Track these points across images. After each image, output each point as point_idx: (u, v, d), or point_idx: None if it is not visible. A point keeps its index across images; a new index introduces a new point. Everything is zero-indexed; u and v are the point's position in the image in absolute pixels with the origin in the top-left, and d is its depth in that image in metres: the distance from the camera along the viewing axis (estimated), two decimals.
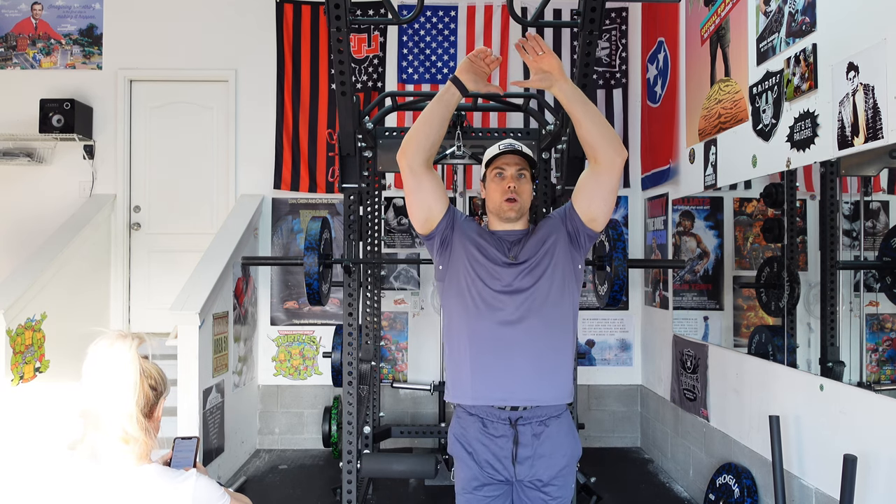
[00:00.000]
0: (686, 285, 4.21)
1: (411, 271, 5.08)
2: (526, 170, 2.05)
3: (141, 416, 1.39)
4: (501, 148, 2.05)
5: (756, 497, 3.11)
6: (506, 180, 2.02)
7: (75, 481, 1.39)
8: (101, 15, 5.13)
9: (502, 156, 2.04)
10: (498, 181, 2.03)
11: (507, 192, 2.01)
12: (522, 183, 2.04)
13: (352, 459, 3.32)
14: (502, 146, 2.05)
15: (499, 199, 2.02)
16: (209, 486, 1.44)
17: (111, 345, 1.40)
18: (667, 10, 4.38)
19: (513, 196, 2.00)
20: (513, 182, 2.01)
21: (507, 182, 2.01)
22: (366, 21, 2.70)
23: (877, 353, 2.63)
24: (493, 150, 2.08)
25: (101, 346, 1.40)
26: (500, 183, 2.03)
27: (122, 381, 1.38)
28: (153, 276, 5.08)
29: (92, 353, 1.39)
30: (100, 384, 1.38)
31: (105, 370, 1.38)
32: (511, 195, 2.00)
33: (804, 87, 2.74)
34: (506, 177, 2.02)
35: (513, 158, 2.03)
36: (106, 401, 1.37)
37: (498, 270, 1.96)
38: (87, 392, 1.38)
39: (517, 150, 2.03)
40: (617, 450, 4.94)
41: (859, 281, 2.71)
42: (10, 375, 3.71)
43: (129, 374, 1.38)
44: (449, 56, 5.05)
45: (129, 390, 1.38)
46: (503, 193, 2.01)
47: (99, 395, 1.37)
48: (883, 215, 2.67)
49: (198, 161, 5.16)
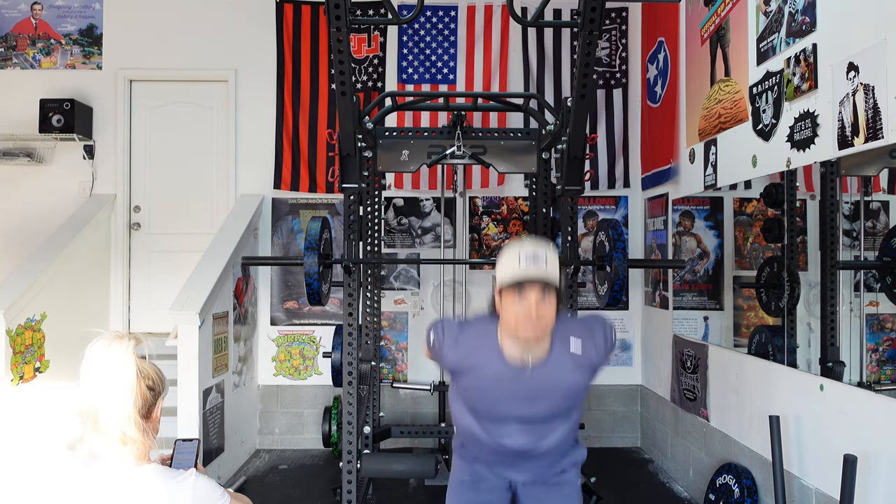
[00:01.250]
0: (686, 285, 4.21)
1: (411, 271, 5.08)
2: (552, 291, 1.68)
3: (139, 417, 1.39)
4: (522, 269, 1.66)
5: (756, 497, 3.11)
6: (526, 307, 1.67)
7: (74, 482, 1.39)
8: (100, 15, 5.13)
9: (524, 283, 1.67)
10: (516, 305, 1.68)
11: (529, 321, 1.67)
12: (546, 307, 1.68)
13: (352, 459, 3.32)
14: (524, 265, 1.66)
15: (516, 323, 1.70)
16: (209, 486, 1.43)
17: (108, 346, 1.39)
18: (667, 10, 4.38)
19: (535, 321, 1.68)
20: (535, 310, 1.67)
21: (527, 310, 1.67)
22: (366, 21, 2.70)
23: (877, 353, 2.63)
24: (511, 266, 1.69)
25: (98, 347, 1.39)
26: (519, 309, 1.67)
27: (118, 382, 1.37)
28: (153, 276, 5.08)
29: (89, 354, 1.39)
30: (97, 386, 1.37)
31: (102, 371, 1.38)
32: (533, 321, 1.67)
33: (804, 87, 2.74)
34: (527, 304, 1.67)
35: (537, 285, 1.67)
36: (103, 402, 1.37)
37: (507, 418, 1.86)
38: (85, 393, 1.38)
39: (542, 278, 1.66)
40: (617, 450, 4.94)
41: (859, 281, 2.71)
42: (9, 375, 3.71)
43: (126, 375, 1.38)
44: (449, 56, 5.05)
45: (126, 392, 1.37)
46: (523, 320, 1.68)
47: (96, 397, 1.37)
48: (883, 215, 2.67)
49: (198, 161, 5.16)
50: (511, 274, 1.68)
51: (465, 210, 5.05)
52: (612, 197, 5.10)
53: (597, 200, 5.10)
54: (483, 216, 5.08)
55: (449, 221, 5.04)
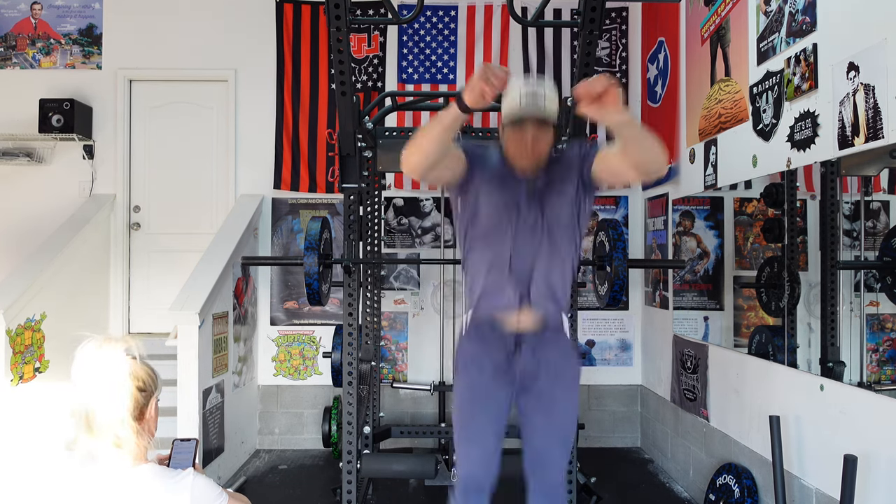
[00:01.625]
0: (686, 285, 4.21)
1: (411, 271, 5.08)
2: (548, 126, 1.94)
3: (130, 419, 1.38)
4: (522, 107, 1.89)
5: (756, 497, 3.11)
6: (524, 141, 1.94)
7: (71, 483, 1.38)
8: (100, 15, 5.13)
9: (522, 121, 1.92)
10: (515, 138, 1.96)
11: (525, 151, 1.95)
12: (542, 139, 1.95)
13: (352, 459, 3.32)
14: (523, 101, 1.88)
15: (513, 155, 1.99)
16: (207, 485, 1.43)
17: (98, 349, 1.39)
18: (667, 10, 4.38)
19: (529, 154, 1.96)
20: (531, 144, 1.94)
21: (524, 143, 1.94)
22: (366, 21, 2.70)
23: (877, 353, 2.63)
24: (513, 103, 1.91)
25: (88, 350, 1.39)
26: (518, 140, 1.95)
27: (108, 386, 1.37)
28: (153, 276, 5.07)
29: (79, 357, 1.39)
30: (87, 389, 1.37)
31: (91, 375, 1.37)
32: (528, 154, 1.95)
33: (804, 86, 2.74)
34: (524, 138, 1.93)
35: (534, 122, 1.91)
36: (93, 405, 1.37)
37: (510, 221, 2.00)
38: (76, 397, 1.38)
39: (540, 116, 1.90)
40: (617, 450, 4.94)
41: (860, 281, 2.71)
42: (9, 375, 3.71)
43: (116, 378, 1.38)
44: (449, 56, 5.05)
45: (115, 395, 1.37)
46: (521, 150, 1.96)
47: (86, 400, 1.37)
48: (883, 215, 2.67)
49: (198, 161, 5.16)
50: (511, 112, 1.92)
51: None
52: (612, 197, 5.10)
53: (597, 200, 5.06)
54: None
55: (449, 221, 5.04)
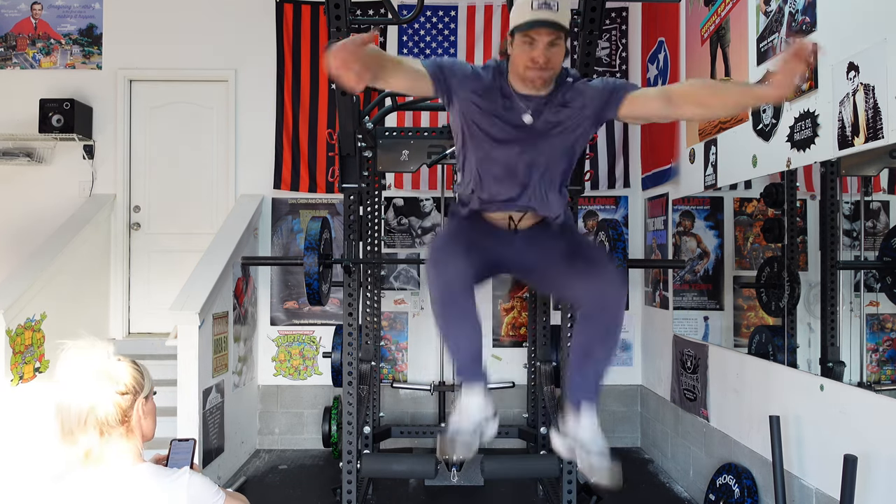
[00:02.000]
0: (686, 285, 4.21)
1: (411, 271, 5.08)
2: (561, 36, 1.77)
3: (112, 425, 1.37)
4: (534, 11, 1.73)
5: (756, 497, 3.11)
6: (536, 50, 1.75)
7: (68, 484, 1.38)
8: (100, 15, 5.13)
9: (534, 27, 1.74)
10: (526, 49, 1.77)
11: (537, 63, 1.76)
12: (555, 52, 1.77)
13: (352, 459, 3.32)
14: (536, 7, 1.73)
15: (524, 67, 1.79)
16: (203, 484, 1.43)
17: (74, 357, 1.38)
18: (667, 10, 4.38)
19: (542, 67, 1.77)
20: (544, 54, 1.75)
21: (537, 52, 1.75)
22: (366, 21, 2.70)
23: (877, 353, 2.63)
24: (523, 10, 1.76)
25: (66, 359, 1.38)
26: (529, 52, 1.76)
27: (83, 395, 1.36)
28: (153, 276, 5.07)
29: (58, 366, 1.38)
30: (65, 399, 1.37)
31: (68, 385, 1.37)
32: (541, 67, 1.76)
33: (804, 86, 2.74)
34: (537, 47, 1.75)
35: (546, 29, 1.74)
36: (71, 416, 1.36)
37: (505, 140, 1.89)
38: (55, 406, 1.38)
39: (552, 21, 1.73)
40: (617, 450, 4.88)
41: (859, 281, 2.71)
42: (9, 375, 3.71)
43: (93, 387, 1.37)
44: (449, 56, 5.05)
45: (92, 404, 1.36)
46: (532, 62, 1.77)
47: (64, 410, 1.36)
48: (883, 215, 2.67)
49: (198, 161, 5.16)
50: (522, 16, 1.74)
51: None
52: (612, 197, 5.10)
53: (597, 200, 5.10)
54: None
55: None
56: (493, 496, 3.96)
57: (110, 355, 1.42)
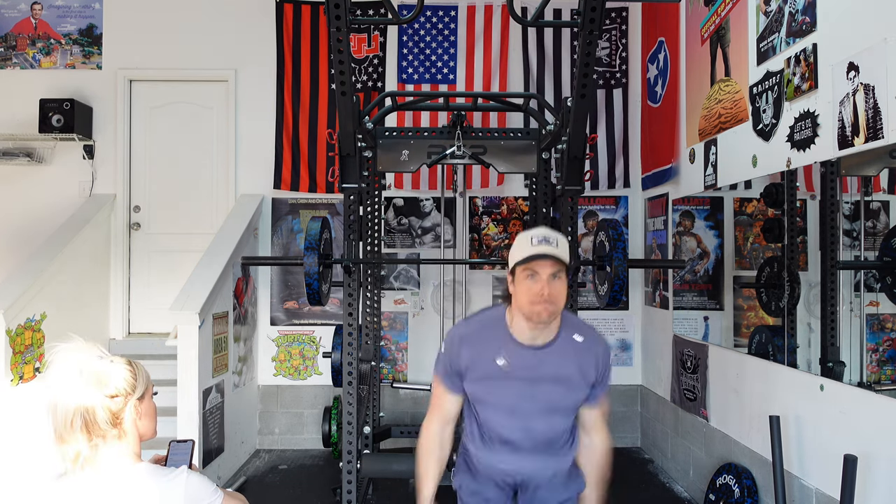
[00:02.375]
0: (686, 285, 4.21)
1: (411, 271, 5.08)
2: (563, 271, 1.78)
3: (101, 427, 1.37)
4: (534, 247, 1.77)
5: (756, 497, 3.11)
6: (539, 284, 1.76)
7: (68, 484, 1.38)
8: (100, 15, 5.13)
9: (536, 259, 1.76)
10: (529, 283, 1.77)
11: (541, 297, 1.76)
12: (558, 285, 1.77)
13: (352, 459, 3.32)
14: (535, 243, 1.77)
15: (529, 301, 1.78)
16: (201, 483, 1.43)
17: (64, 360, 1.37)
18: (667, 10, 4.38)
19: (546, 301, 1.76)
20: (547, 287, 1.75)
21: (540, 285, 1.76)
22: (366, 21, 2.70)
23: (877, 353, 2.63)
24: (524, 245, 1.80)
25: (55, 362, 1.37)
26: (532, 286, 1.77)
27: (71, 399, 1.36)
28: (153, 276, 5.08)
29: (47, 369, 1.38)
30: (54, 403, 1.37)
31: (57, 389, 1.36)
32: (545, 299, 1.76)
33: (804, 86, 2.74)
34: (539, 281, 1.76)
35: (548, 261, 1.75)
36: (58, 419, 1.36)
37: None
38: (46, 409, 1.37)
39: (553, 255, 1.75)
40: (617, 450, 4.87)
41: (859, 281, 2.71)
42: (9, 375, 3.71)
43: (79, 390, 1.36)
44: (449, 56, 5.05)
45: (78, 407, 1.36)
46: (536, 297, 1.76)
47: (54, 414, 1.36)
48: (883, 215, 2.67)
49: (198, 161, 5.16)
50: (523, 252, 1.79)
51: (465, 210, 5.05)
52: (612, 197, 5.10)
53: (597, 200, 5.10)
54: (483, 216, 5.08)
55: (449, 221, 5.04)
56: None
57: (102, 357, 1.42)
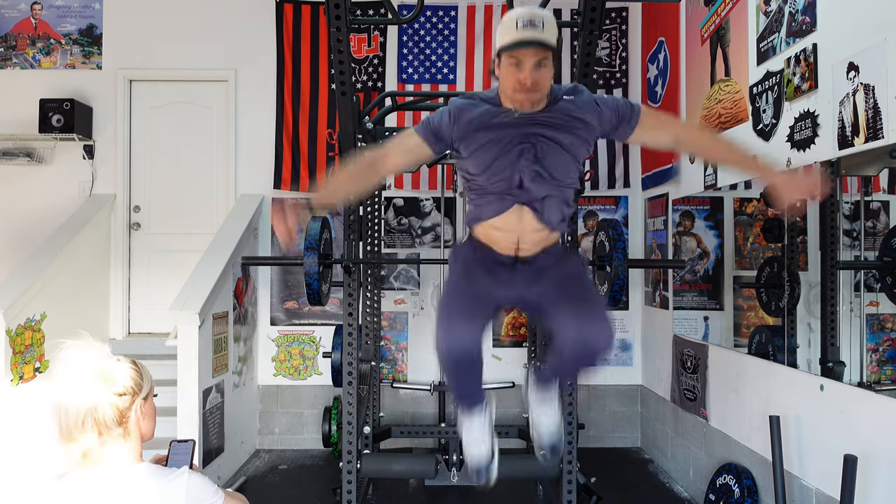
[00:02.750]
0: (686, 285, 4.21)
1: (411, 271, 5.08)
2: (548, 56, 1.72)
3: (109, 426, 1.37)
4: (519, 31, 1.70)
5: (756, 497, 3.11)
6: (523, 72, 1.72)
7: (68, 484, 1.38)
8: (100, 15, 5.13)
9: (519, 47, 1.71)
10: (513, 71, 1.73)
11: (524, 85, 1.73)
12: (542, 72, 1.73)
13: (352, 459, 3.32)
14: (520, 26, 1.70)
15: (512, 88, 1.76)
16: (202, 484, 1.43)
17: (72, 358, 1.38)
18: (667, 10, 4.38)
19: (531, 88, 1.73)
20: (531, 75, 1.71)
21: (524, 74, 1.72)
22: (366, 21, 2.70)
23: (877, 353, 2.63)
24: (509, 29, 1.72)
25: (63, 359, 1.38)
26: (517, 73, 1.73)
27: (80, 396, 1.36)
28: (153, 276, 5.07)
29: (54, 366, 1.38)
30: (62, 400, 1.37)
31: (65, 386, 1.37)
32: (528, 88, 1.73)
33: (804, 86, 2.74)
34: (523, 68, 1.72)
35: (532, 49, 1.70)
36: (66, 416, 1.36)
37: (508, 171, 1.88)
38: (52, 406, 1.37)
39: (538, 40, 1.69)
40: (617, 450, 4.94)
41: (859, 281, 2.71)
42: (9, 375, 3.71)
43: (88, 387, 1.36)
44: (449, 56, 5.05)
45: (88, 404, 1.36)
46: (519, 84, 1.73)
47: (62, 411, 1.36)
48: (883, 215, 2.67)
49: (198, 161, 5.16)
50: (508, 38, 1.73)
51: (465, 210, 5.04)
52: (612, 197, 5.10)
53: (597, 200, 5.10)
54: None
55: (449, 221, 5.04)
56: (493, 496, 3.96)
57: (109, 355, 1.42)
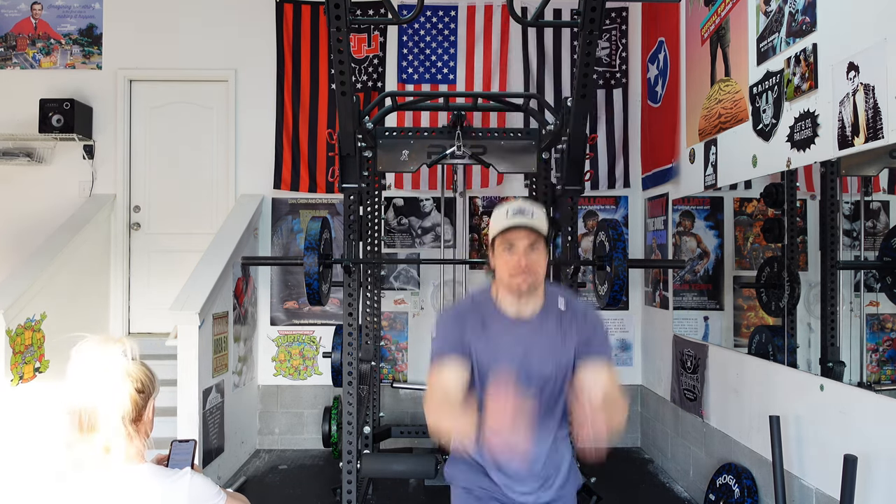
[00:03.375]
0: (686, 285, 4.21)
1: (411, 271, 5.08)
2: (540, 241, 1.78)
3: (128, 422, 1.38)
4: (510, 219, 1.77)
5: (756, 497, 3.11)
6: (516, 256, 1.76)
7: (69, 484, 1.38)
8: (100, 15, 5.13)
9: (511, 230, 1.77)
10: (506, 256, 1.78)
11: (519, 269, 1.76)
12: (535, 256, 1.77)
13: (352, 459, 3.32)
14: (511, 215, 1.78)
15: (508, 274, 1.78)
16: (204, 485, 1.43)
17: (94, 350, 1.38)
18: (667, 10, 4.38)
19: (525, 269, 1.76)
20: (524, 258, 1.76)
21: (517, 256, 1.76)
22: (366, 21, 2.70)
23: (877, 353, 2.63)
24: (500, 218, 1.81)
25: (85, 350, 1.38)
26: (510, 258, 1.77)
27: (105, 386, 1.36)
28: (153, 276, 5.08)
29: (75, 358, 1.38)
30: (83, 390, 1.37)
31: (88, 376, 1.37)
32: (523, 270, 1.76)
33: (804, 86, 2.74)
34: (516, 252, 1.76)
35: (524, 232, 1.76)
36: (90, 407, 1.36)
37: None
38: (72, 398, 1.38)
39: (528, 225, 1.76)
40: (617, 450, 4.94)
41: (859, 281, 2.71)
42: (9, 375, 3.71)
43: (113, 379, 1.37)
44: (449, 56, 5.05)
45: (113, 396, 1.36)
46: (514, 269, 1.77)
47: (83, 401, 1.36)
48: (883, 215, 2.67)
49: (198, 161, 5.16)
50: (500, 224, 1.80)
51: (465, 210, 5.05)
52: (612, 197, 5.10)
53: (597, 200, 5.10)
54: (483, 216, 5.07)
55: (449, 221, 5.04)
56: None
57: (126, 352, 1.43)
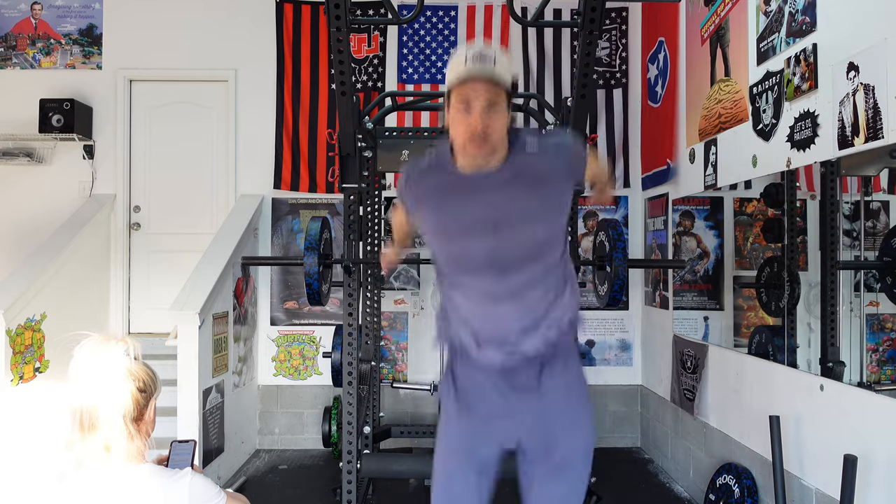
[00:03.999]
0: (686, 285, 4.21)
1: (411, 271, 5.08)
2: (500, 97, 1.51)
3: (129, 421, 1.38)
4: (468, 66, 1.49)
5: (756, 497, 3.11)
6: (472, 116, 1.49)
7: (70, 484, 1.38)
8: (100, 15, 5.13)
9: (468, 83, 1.50)
10: (463, 116, 1.51)
11: (475, 132, 1.50)
12: (495, 117, 1.50)
13: (352, 459, 3.32)
14: (469, 61, 1.49)
15: (463, 138, 1.53)
16: (205, 485, 1.43)
17: (97, 349, 1.38)
18: (667, 10, 4.38)
19: (481, 136, 1.50)
20: (481, 120, 1.49)
21: (473, 119, 1.49)
22: (366, 21, 2.70)
23: (877, 353, 2.64)
24: (457, 66, 1.51)
25: (87, 350, 1.38)
26: (466, 118, 1.50)
27: (108, 385, 1.37)
28: (153, 276, 5.08)
29: (78, 357, 1.38)
30: (86, 389, 1.37)
31: (90, 375, 1.37)
32: (479, 136, 1.50)
33: (804, 86, 2.74)
34: (473, 111, 1.49)
35: (482, 86, 1.49)
36: (92, 406, 1.36)
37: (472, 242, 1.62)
38: (74, 397, 1.38)
39: (488, 75, 1.49)
40: (617, 450, 4.94)
41: (859, 281, 2.71)
42: (9, 375, 3.71)
43: (115, 378, 1.37)
44: (449, 56, 5.04)
45: (115, 395, 1.37)
46: (469, 131, 1.50)
47: (85, 401, 1.37)
48: (883, 215, 2.67)
49: (198, 161, 5.16)
50: (456, 73, 1.51)
51: None
52: (611, 197, 5.10)
53: None
54: None
55: None
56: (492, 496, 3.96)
57: (128, 351, 1.43)
